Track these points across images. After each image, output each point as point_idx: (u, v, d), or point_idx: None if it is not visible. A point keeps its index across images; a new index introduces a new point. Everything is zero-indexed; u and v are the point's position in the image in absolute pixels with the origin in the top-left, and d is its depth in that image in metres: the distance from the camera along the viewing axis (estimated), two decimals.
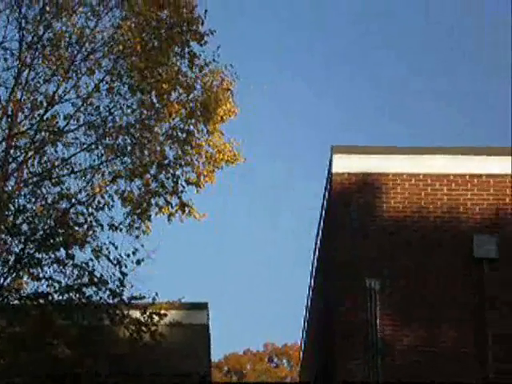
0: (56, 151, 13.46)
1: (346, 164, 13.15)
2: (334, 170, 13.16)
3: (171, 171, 13.78)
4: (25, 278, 12.97)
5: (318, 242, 15.73)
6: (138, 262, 13.14)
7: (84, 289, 12.92)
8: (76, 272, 12.94)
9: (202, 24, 13.89)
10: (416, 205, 12.94)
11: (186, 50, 13.78)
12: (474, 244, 12.62)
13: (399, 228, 12.84)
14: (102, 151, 13.55)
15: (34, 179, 13.25)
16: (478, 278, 12.54)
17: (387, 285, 12.53)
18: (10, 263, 12.75)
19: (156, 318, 13.36)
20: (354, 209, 12.92)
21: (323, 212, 14.70)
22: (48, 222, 12.95)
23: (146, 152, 13.61)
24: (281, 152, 70.63)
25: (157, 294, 13.25)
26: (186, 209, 13.93)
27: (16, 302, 12.87)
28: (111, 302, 13.02)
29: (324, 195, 14.30)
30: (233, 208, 64.91)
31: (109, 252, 13.12)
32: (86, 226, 13.13)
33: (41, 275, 12.83)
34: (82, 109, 13.52)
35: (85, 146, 13.55)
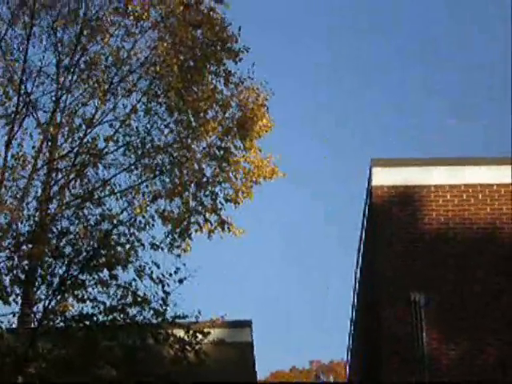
0: (96, 173, 13.60)
1: (385, 177, 13.06)
2: (374, 182, 13.07)
3: (210, 189, 13.82)
4: (69, 300, 13.05)
5: (361, 256, 15.62)
6: (181, 281, 13.13)
7: (128, 309, 12.93)
8: (119, 292, 12.97)
9: (237, 42, 13.97)
10: (458, 216, 12.78)
11: (222, 68, 13.86)
12: None
13: (442, 240, 12.69)
14: (142, 171, 13.65)
15: (76, 201, 13.37)
16: None
17: (432, 298, 12.38)
18: (55, 286, 12.83)
19: (200, 336, 13.32)
20: (396, 222, 12.81)
21: (364, 225, 14.60)
22: (91, 243, 13.01)
23: (184, 171, 13.67)
24: (319, 165, 70.57)
25: (200, 313, 13.24)
26: (226, 226, 13.94)
27: (61, 324, 12.94)
28: (155, 321, 13.02)
29: (364, 208, 14.20)
30: (273, 223, 64.85)
31: (151, 271, 13.13)
32: (128, 246, 13.18)
33: (85, 297, 12.87)
34: (120, 130, 13.65)
35: (124, 166, 13.66)
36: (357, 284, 16.74)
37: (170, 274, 13.10)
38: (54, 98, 13.42)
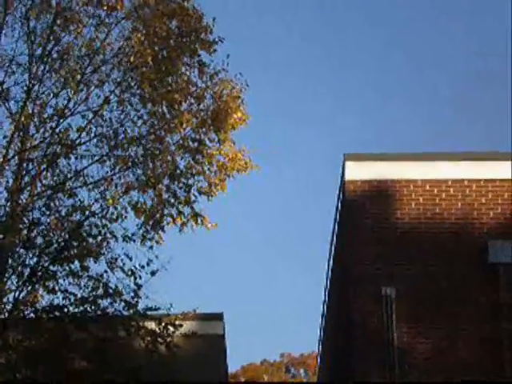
0: (69, 164, 13.50)
1: (358, 171, 13.10)
2: (347, 177, 13.12)
3: (183, 181, 13.77)
4: (40, 291, 12.99)
5: (333, 250, 15.69)
6: (153, 273, 13.15)
7: (99, 301, 12.93)
8: (91, 284, 12.96)
9: (211, 33, 13.88)
10: (430, 211, 12.87)
11: (196, 59, 13.78)
12: (488, 249, 12.54)
13: (414, 235, 12.77)
14: (114, 163, 13.56)
15: (48, 192, 13.28)
16: (493, 283, 12.46)
17: (402, 292, 12.46)
18: (25, 276, 12.78)
19: (171, 328, 13.34)
20: (368, 216, 12.87)
21: (337, 219, 14.66)
22: (62, 234, 12.98)
23: (157, 163, 13.61)
24: (293, 159, 70.78)
25: (171, 305, 13.25)
26: (199, 218, 13.91)
27: (31, 315, 12.89)
28: (126, 313, 13.02)
29: (337, 202, 14.26)
30: (246, 216, 64.96)
31: (123, 263, 13.14)
32: (100, 238, 13.14)
33: (56, 288, 12.85)
34: (93, 121, 13.54)
35: (97, 157, 13.57)
36: (329, 276, 16.81)
37: (143, 266, 13.12)
38: (25, 88, 13.29)
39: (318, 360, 21.97)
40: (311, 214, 66.47)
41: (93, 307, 12.88)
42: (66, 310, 12.83)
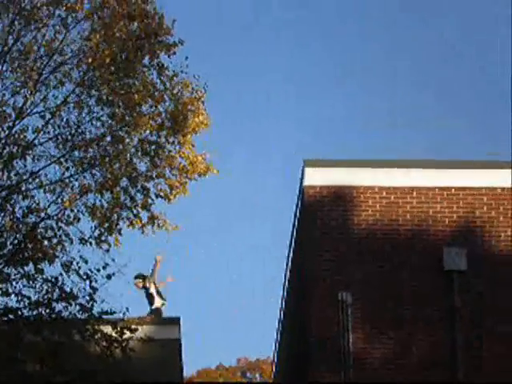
0: (25, 165, 13.32)
1: (317, 177, 13.20)
2: (306, 182, 13.20)
3: (142, 184, 13.68)
4: None
5: (291, 255, 15.73)
6: (109, 277, 13.03)
7: (54, 304, 12.79)
8: (45, 287, 12.81)
9: (171, 35, 13.83)
10: (387, 218, 12.99)
11: (155, 61, 13.70)
12: (443, 256, 12.69)
13: (370, 241, 12.88)
14: (72, 164, 13.42)
15: (3, 193, 13.09)
16: (447, 290, 12.61)
17: (358, 297, 12.55)
18: None
19: (127, 332, 13.24)
20: (326, 221, 12.95)
21: (295, 224, 14.71)
22: (17, 236, 12.82)
23: (116, 165, 13.49)
24: (253, 165, 70.76)
25: (127, 309, 13.15)
26: (156, 221, 13.83)
27: None
28: (81, 317, 12.89)
29: (296, 208, 14.31)
30: (205, 220, 64.72)
31: (79, 267, 13.00)
32: (55, 241, 13.01)
33: (10, 290, 12.69)
34: (50, 122, 13.39)
35: (54, 159, 13.41)
36: (286, 281, 16.84)
37: (98, 270, 13.00)
38: None
39: (274, 365, 21.99)
40: (271, 219, 66.50)
41: (47, 310, 12.73)
42: (19, 312, 12.67)
